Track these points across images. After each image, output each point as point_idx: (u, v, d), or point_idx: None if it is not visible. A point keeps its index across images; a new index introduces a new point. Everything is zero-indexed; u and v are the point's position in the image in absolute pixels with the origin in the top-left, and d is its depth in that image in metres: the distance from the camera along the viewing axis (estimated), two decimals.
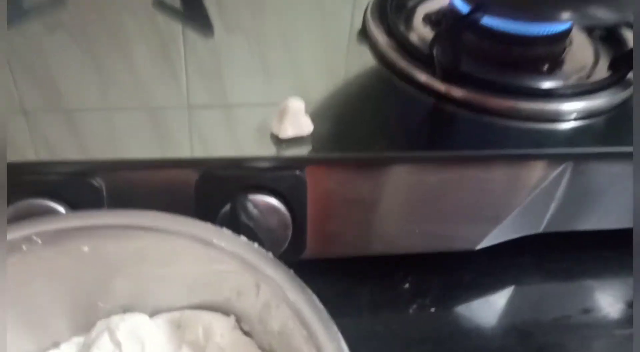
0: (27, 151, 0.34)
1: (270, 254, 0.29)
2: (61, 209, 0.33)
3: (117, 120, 0.36)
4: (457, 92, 0.40)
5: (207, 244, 0.29)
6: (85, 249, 0.30)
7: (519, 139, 0.38)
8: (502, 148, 0.37)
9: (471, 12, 0.40)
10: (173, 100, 0.38)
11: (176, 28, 0.45)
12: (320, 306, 0.27)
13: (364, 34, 0.46)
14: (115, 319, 0.31)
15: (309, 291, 0.27)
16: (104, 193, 0.34)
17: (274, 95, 0.39)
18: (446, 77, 0.40)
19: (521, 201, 0.39)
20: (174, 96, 0.38)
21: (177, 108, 0.37)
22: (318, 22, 0.49)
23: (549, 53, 0.44)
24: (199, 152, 0.35)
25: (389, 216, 0.38)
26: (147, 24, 0.46)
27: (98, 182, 0.34)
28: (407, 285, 0.40)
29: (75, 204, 0.34)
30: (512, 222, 0.39)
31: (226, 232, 0.30)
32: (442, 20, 0.46)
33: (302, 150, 0.35)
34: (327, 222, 0.37)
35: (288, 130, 0.35)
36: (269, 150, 0.35)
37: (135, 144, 0.35)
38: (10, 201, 0.32)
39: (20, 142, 0.34)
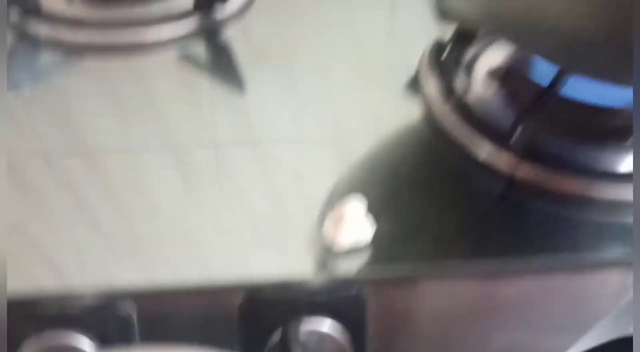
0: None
1: None
2: (86, 345, 0.30)
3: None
4: (540, 175, 0.34)
5: None
6: None
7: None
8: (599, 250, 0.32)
9: (555, 81, 0.34)
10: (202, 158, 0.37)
11: (203, 84, 0.43)
12: None
13: (415, 86, 0.41)
14: None
15: None
16: (135, 322, 0.30)
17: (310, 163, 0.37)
18: (528, 157, 0.34)
19: (613, 307, 0.34)
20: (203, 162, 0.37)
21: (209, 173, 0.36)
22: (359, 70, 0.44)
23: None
24: (238, 266, 0.31)
25: (466, 338, 0.33)
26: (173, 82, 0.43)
27: (126, 310, 0.30)
28: None
29: (102, 336, 0.30)
30: (603, 328, 0.34)
31: None
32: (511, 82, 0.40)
33: (361, 264, 0.31)
34: (390, 346, 0.32)
35: (345, 241, 0.31)
36: (321, 266, 0.31)
37: (166, 259, 0.32)
38: (29, 333, 0.29)
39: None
